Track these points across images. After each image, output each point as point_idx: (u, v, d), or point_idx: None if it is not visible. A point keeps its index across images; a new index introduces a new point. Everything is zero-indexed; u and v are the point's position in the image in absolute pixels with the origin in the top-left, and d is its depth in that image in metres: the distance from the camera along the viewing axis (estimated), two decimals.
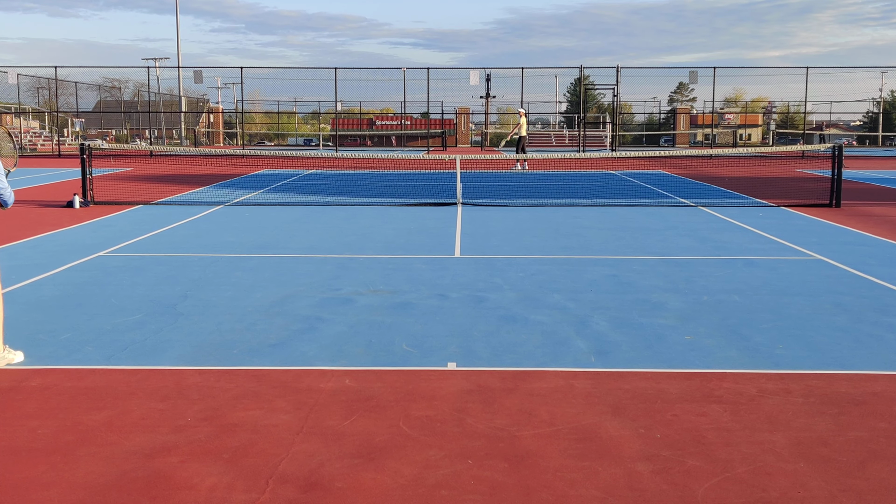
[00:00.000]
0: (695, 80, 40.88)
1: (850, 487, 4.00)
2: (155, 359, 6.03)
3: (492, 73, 51.94)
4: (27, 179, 23.75)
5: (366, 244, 11.35)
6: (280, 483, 4.03)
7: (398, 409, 5.03)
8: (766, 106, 69.72)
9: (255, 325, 6.97)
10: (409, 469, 4.18)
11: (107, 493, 3.91)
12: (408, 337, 6.59)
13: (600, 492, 3.94)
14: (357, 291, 8.26)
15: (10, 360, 5.86)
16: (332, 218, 14.38)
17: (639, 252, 10.77)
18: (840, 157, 16.40)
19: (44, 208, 15.81)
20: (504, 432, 4.67)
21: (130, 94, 67.18)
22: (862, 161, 36.20)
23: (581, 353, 6.18)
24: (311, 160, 32.96)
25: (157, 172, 27.05)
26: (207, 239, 11.85)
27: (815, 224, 13.75)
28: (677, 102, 78.01)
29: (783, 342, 6.48)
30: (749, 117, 74.91)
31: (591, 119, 61.98)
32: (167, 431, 4.67)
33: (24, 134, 46.73)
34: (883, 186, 22.26)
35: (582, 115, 47.30)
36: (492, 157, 25.16)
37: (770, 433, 4.66)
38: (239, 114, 54.81)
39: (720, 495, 3.91)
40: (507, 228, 12.99)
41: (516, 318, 7.22)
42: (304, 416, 4.91)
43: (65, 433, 4.65)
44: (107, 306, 7.60)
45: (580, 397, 5.24)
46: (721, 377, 5.64)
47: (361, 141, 68.44)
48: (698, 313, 7.38)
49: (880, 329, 6.86)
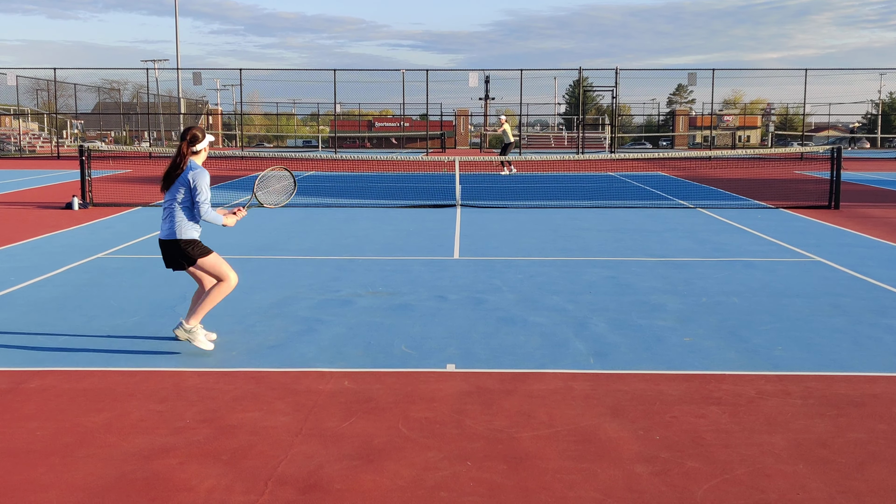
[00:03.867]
0: (693, 82, 40.89)
1: (850, 489, 4.00)
2: (154, 360, 6.02)
3: (490, 74, 51.99)
4: (27, 181, 23.74)
5: (365, 246, 11.35)
6: (279, 484, 4.02)
7: (397, 410, 5.03)
8: (765, 108, 69.75)
9: (255, 326, 6.97)
10: (408, 471, 4.18)
11: (106, 495, 3.91)
12: (407, 338, 6.59)
13: (599, 493, 3.94)
14: (356, 293, 8.26)
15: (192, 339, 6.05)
16: (331, 220, 14.38)
17: (638, 254, 10.77)
18: (839, 159, 16.41)
19: (43, 210, 15.80)
20: (503, 434, 4.67)
21: (129, 95, 67.23)
22: (860, 163, 36.22)
23: (580, 355, 6.18)
24: (310, 162, 32.96)
25: (157, 174, 26.97)
26: (206, 240, 11.80)
27: (813, 226, 13.76)
28: (676, 104, 78.06)
29: (782, 344, 6.49)
30: (748, 119, 74.96)
31: (590, 121, 62.01)
32: (166, 433, 4.67)
33: (23, 136, 46.72)
34: (881, 188, 22.27)
35: (581, 117, 47.31)
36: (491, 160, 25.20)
37: (769, 435, 4.66)
38: (238, 115, 54.83)
39: (719, 497, 3.91)
40: (506, 230, 13.00)
41: (515, 319, 7.22)
42: (304, 417, 4.91)
43: (64, 435, 4.64)
44: (106, 308, 7.59)
45: (579, 399, 5.24)
46: (720, 379, 5.64)
47: (360, 143, 68.43)
48: (697, 315, 7.38)
49: (879, 331, 6.86)
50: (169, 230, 6.02)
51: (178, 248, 6.02)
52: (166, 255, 6.11)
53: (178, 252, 6.03)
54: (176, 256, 6.05)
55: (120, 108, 60.07)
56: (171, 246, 6.03)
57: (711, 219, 14.61)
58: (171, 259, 6.10)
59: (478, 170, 28.94)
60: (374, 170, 29.51)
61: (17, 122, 49.70)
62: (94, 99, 60.99)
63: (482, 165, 31.07)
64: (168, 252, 6.07)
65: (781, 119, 68.43)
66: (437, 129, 57.02)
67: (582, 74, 43.45)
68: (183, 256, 6.03)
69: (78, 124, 54.29)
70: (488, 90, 55.44)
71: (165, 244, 6.06)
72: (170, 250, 6.05)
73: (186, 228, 6.03)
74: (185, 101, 56.96)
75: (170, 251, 6.06)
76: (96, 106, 61.66)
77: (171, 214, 6.02)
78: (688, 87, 69.08)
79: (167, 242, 6.04)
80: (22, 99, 49.91)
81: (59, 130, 49.72)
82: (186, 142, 6.04)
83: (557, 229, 13.13)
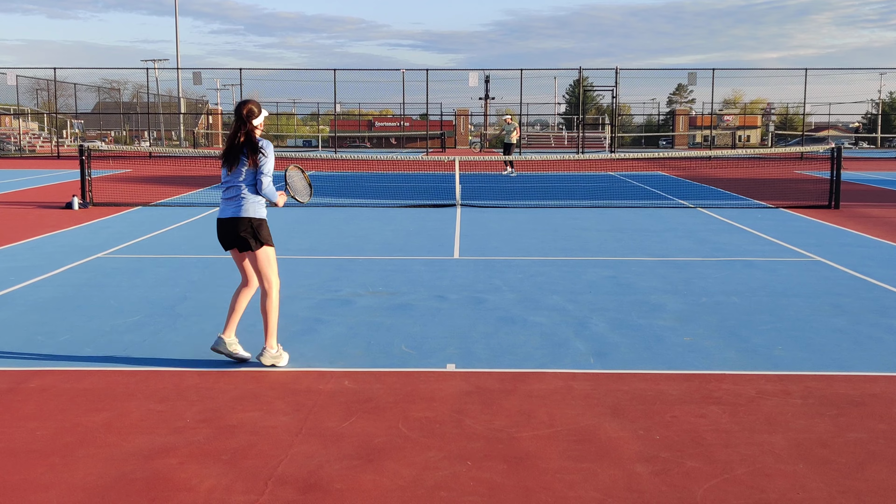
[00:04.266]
0: (693, 82, 40.89)
1: (850, 489, 4.00)
2: (154, 360, 6.02)
3: (490, 74, 51.98)
4: (26, 181, 23.74)
5: (365, 245, 11.35)
6: (279, 484, 4.02)
7: (397, 410, 5.03)
8: (765, 107, 69.76)
9: (254, 326, 6.96)
10: (408, 470, 4.18)
11: (106, 495, 3.91)
12: (407, 338, 6.59)
13: (599, 493, 3.94)
14: (356, 293, 8.26)
15: (277, 360, 5.83)
16: (331, 219, 14.38)
17: (638, 253, 10.77)
18: (839, 159, 16.41)
19: (43, 209, 15.80)
20: (503, 433, 4.67)
21: (129, 95, 67.19)
22: (861, 162, 36.21)
23: (580, 355, 6.18)
24: (310, 161, 32.96)
25: (157, 174, 27.04)
26: (206, 240, 11.84)
27: (813, 225, 13.76)
28: (676, 104, 78.04)
29: (782, 343, 6.48)
30: (748, 119, 74.91)
31: (590, 121, 61.99)
32: (166, 433, 4.67)
33: (23, 135, 46.71)
34: (882, 188, 22.27)
35: (581, 117, 47.31)
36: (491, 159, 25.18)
37: (769, 434, 4.66)
38: None
39: (719, 496, 3.91)
40: (506, 230, 12.99)
41: (515, 319, 7.22)
42: (303, 417, 4.91)
43: (64, 434, 4.64)
44: (106, 308, 7.59)
45: (579, 399, 5.24)
46: (720, 378, 5.64)
47: (360, 142, 68.41)
48: (697, 315, 7.38)
49: (879, 330, 6.86)
50: (236, 208, 5.72)
51: (248, 227, 5.70)
52: (230, 234, 5.75)
53: (249, 230, 5.70)
54: (243, 235, 5.71)
55: (120, 108, 60.04)
56: (240, 224, 5.70)
57: (711, 218, 14.61)
58: (234, 238, 5.74)
59: (478, 170, 28.93)
60: (375, 169, 29.51)
61: (17, 121, 49.69)
62: (94, 99, 60.99)
63: (482, 165, 31.07)
64: (233, 230, 5.73)
65: (781, 119, 68.40)
66: (437, 128, 57.01)
67: (582, 74, 43.45)
68: (253, 235, 5.71)
69: (78, 124, 54.25)
70: (488, 90, 55.43)
71: (232, 222, 5.72)
72: (237, 228, 5.71)
73: (258, 206, 5.76)
74: (185, 101, 56.94)
75: (236, 229, 5.71)
76: (96, 106, 61.65)
77: (238, 192, 5.74)
78: (688, 86, 69.05)
79: (235, 220, 5.71)
80: (22, 99, 49.94)
81: (59, 130, 49.70)
82: (244, 115, 5.72)
83: (557, 229, 13.13)
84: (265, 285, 5.86)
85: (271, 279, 5.86)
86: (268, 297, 5.85)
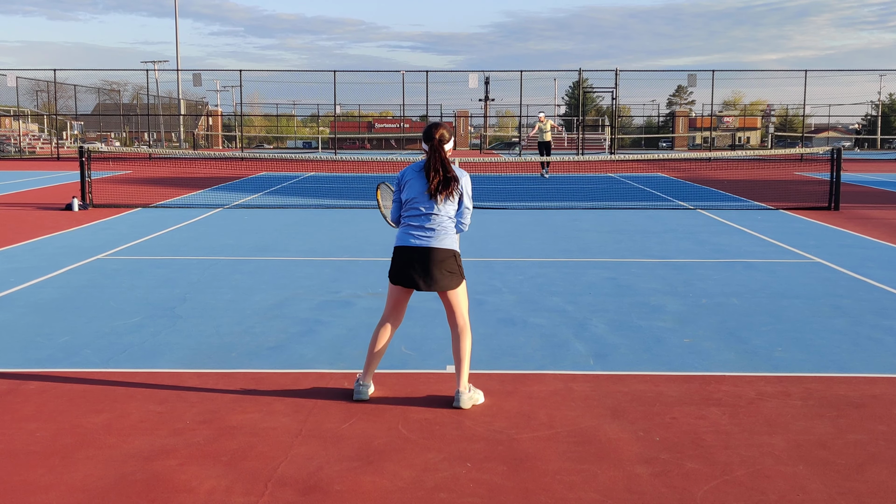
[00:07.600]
0: (693, 84, 40.92)
1: (849, 490, 4.00)
2: (154, 361, 6.02)
3: (490, 76, 52.02)
4: (26, 182, 23.75)
5: (365, 247, 11.35)
6: (279, 486, 4.02)
7: (397, 411, 5.03)
8: (765, 109, 69.80)
9: (254, 327, 6.97)
10: (408, 472, 4.18)
11: (105, 496, 3.91)
12: (407, 339, 6.59)
13: (599, 494, 3.94)
14: (356, 294, 8.26)
15: (476, 400, 5.23)
16: (330, 221, 14.38)
17: (637, 255, 10.77)
18: (839, 161, 16.42)
19: (42, 211, 15.80)
20: (503, 435, 4.67)
21: (129, 97, 67.23)
22: (860, 164, 36.23)
23: (580, 356, 6.18)
24: (309, 163, 32.97)
25: (156, 175, 27.05)
26: (206, 242, 11.85)
27: (813, 227, 13.76)
28: (676, 105, 78.08)
29: (782, 345, 6.48)
30: (748, 120, 74.95)
31: (590, 122, 62.01)
32: (166, 434, 4.67)
33: (23, 137, 46.73)
34: (881, 189, 22.28)
35: (581, 119, 47.33)
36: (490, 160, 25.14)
37: (769, 436, 4.66)
38: (238, 117, 54.83)
39: (719, 498, 3.91)
40: (506, 231, 13.00)
41: (515, 320, 7.22)
42: (303, 418, 4.91)
43: (63, 436, 4.64)
44: (105, 309, 7.59)
45: (579, 400, 5.24)
46: (720, 380, 5.64)
47: (360, 144, 68.44)
48: (697, 316, 7.38)
49: (879, 332, 6.86)
50: (443, 239, 5.15)
51: (454, 262, 5.18)
52: (428, 267, 5.13)
53: (454, 266, 5.19)
54: (448, 270, 5.16)
55: (120, 110, 60.07)
56: (444, 255, 5.14)
57: (711, 220, 14.62)
58: (436, 273, 5.13)
59: (477, 170, 28.93)
60: (375, 171, 29.51)
61: (17, 123, 49.72)
62: (94, 100, 61.03)
63: (481, 166, 31.07)
64: (435, 263, 5.12)
65: (781, 120, 68.45)
66: None
67: (582, 76, 43.49)
68: (456, 271, 5.20)
69: (78, 125, 54.28)
70: (488, 91, 55.52)
71: (437, 253, 5.13)
72: (440, 262, 5.13)
73: (456, 240, 5.25)
74: (185, 103, 56.99)
75: (439, 262, 5.13)
76: (96, 107, 61.70)
77: (442, 223, 5.16)
78: (687, 88, 69.12)
79: (440, 251, 5.13)
80: (22, 100, 49.94)
81: (58, 132, 49.72)
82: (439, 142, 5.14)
83: (557, 230, 13.14)
84: (461, 322, 5.25)
85: (467, 317, 5.33)
86: (466, 334, 5.26)
